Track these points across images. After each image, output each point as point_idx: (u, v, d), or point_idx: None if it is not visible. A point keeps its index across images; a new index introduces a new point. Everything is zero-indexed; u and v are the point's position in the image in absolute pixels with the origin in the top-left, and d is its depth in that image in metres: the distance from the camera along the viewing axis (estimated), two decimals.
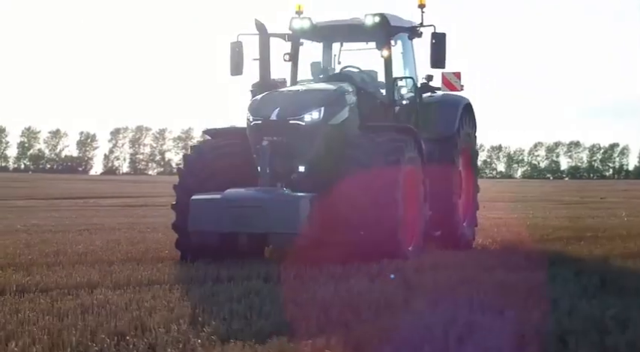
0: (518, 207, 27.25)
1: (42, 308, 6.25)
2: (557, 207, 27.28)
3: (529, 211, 23.26)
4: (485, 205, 24.25)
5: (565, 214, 21.58)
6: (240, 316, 5.98)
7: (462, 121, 11.98)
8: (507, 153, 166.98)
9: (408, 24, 11.60)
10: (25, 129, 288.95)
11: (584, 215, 21.20)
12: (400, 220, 9.65)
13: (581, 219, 19.10)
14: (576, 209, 25.82)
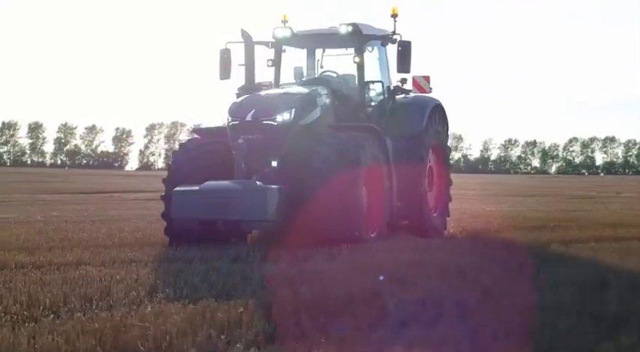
0: (520, 201, 28.31)
1: (31, 279, 7.57)
2: (557, 201, 28.29)
3: (524, 205, 24.34)
4: (490, 199, 25.32)
5: (556, 207, 22.64)
6: (191, 287, 7.23)
7: (430, 120, 13.15)
8: (542, 148, 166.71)
9: (380, 32, 12.81)
10: (62, 125, 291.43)
11: (575, 208, 22.23)
12: (361, 210, 10.89)
13: (565, 211, 20.15)
14: (575, 203, 26.83)
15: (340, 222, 10.58)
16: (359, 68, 12.49)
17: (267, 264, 8.68)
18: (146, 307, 6.25)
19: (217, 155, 11.31)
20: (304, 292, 6.64)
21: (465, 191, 39.28)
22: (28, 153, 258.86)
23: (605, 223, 14.96)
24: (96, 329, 5.30)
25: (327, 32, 12.73)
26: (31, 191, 37.68)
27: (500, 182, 66.79)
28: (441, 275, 7.68)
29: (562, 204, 25.24)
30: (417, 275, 7.50)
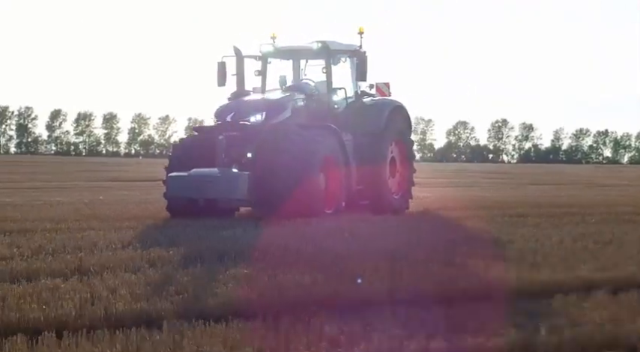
0: (525, 189, 30.99)
1: (35, 239, 10.67)
2: (565, 189, 30.88)
3: (515, 191, 27.09)
4: (501, 187, 27.98)
5: (548, 194, 25.35)
6: (163, 243, 10.33)
7: (390, 119, 16.11)
8: (614, 138, 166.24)
9: (347, 47, 15.85)
10: (136, 116, 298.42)
11: (566, 194, 24.91)
12: (318, 191, 13.97)
13: (546, 197, 22.84)
14: (579, 190, 29.43)
15: (301, 201, 13.66)
16: (327, 77, 15.57)
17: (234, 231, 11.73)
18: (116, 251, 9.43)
19: (208, 148, 14.48)
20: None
21: (491, 180, 42.02)
22: (103, 143, 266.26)
23: (555, 205, 17.74)
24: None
25: (303, 48, 15.84)
26: (94, 179, 41.65)
27: (552, 171, 68.81)
28: (350, 235, 10.70)
29: (562, 191, 27.85)
30: (331, 236, 10.57)
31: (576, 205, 17.98)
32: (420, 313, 5.69)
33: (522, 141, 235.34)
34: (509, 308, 5.90)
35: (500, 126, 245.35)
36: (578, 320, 5.55)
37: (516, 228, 11.85)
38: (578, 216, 14.36)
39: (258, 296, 6.21)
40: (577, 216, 14.54)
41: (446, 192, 27.56)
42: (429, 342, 4.75)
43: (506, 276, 7.16)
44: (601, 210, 16.10)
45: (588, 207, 17.03)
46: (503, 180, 46.37)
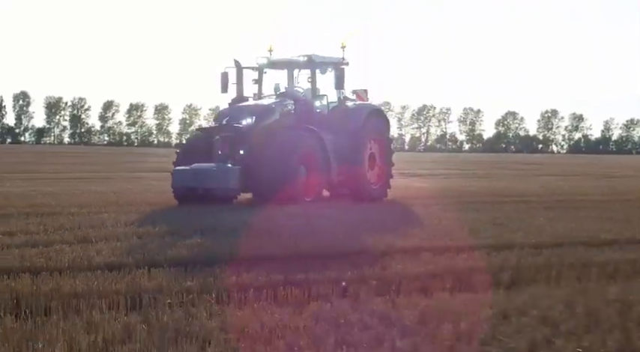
0: (524, 179, 33.50)
1: (59, 219, 13.71)
2: (563, 180, 33.34)
3: (508, 182, 29.67)
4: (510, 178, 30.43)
5: (535, 184, 27.94)
6: (155, 223, 13.36)
7: (367, 121, 18.92)
8: None
9: (329, 60, 18.72)
10: (187, 107, 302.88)
11: (556, 185, 27.47)
12: (298, 182, 16.84)
13: (536, 187, 25.42)
14: (570, 180, 31.91)
15: (283, 190, 16.59)
16: (312, 85, 18.47)
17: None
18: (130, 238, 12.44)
19: (208, 146, 17.48)
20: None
21: (511, 171, 44.49)
22: (155, 133, 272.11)
23: (519, 195, 20.44)
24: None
25: (292, 60, 18.74)
26: (137, 169, 45.06)
27: (582, 163, 70.70)
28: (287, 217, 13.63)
29: (562, 182, 30.35)
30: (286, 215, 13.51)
31: (535, 195, 20.64)
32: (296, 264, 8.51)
33: (572, 132, 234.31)
34: (356, 260, 8.70)
35: (549, 116, 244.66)
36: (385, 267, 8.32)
37: (446, 212, 14.65)
38: (518, 204, 17.06)
39: (189, 253, 9.18)
40: (518, 203, 17.24)
41: (447, 182, 30.24)
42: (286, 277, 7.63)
43: (372, 241, 10.01)
44: (533, 199, 18.80)
45: (541, 196, 19.71)
46: (524, 171, 48.76)
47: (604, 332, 5.74)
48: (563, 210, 15.77)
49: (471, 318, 5.95)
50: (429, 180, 30.54)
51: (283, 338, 5.49)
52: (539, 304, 6.53)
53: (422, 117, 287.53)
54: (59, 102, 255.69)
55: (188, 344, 5.43)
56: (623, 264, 8.80)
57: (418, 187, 25.15)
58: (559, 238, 10.79)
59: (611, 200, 18.69)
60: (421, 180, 32.12)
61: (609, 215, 14.61)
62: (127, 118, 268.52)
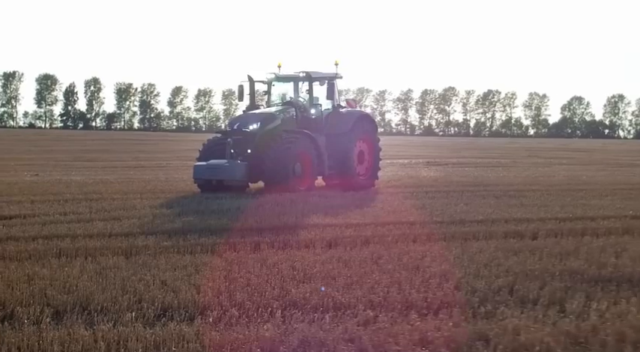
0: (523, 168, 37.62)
1: (102, 204, 18.71)
2: (570, 169, 37.31)
3: (496, 171, 33.83)
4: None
5: (522, 173, 32.11)
6: (172, 206, 18.15)
7: (356, 124, 23.41)
8: None
9: (326, 75, 23.25)
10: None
11: (545, 175, 31.60)
12: (293, 175, 21.44)
13: (523, 177, 29.64)
14: (575, 170, 35.88)
15: (282, 182, 21.23)
16: (310, 96, 23.07)
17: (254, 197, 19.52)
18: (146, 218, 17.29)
19: (223, 146, 22.20)
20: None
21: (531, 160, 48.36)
22: (222, 118, 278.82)
23: (481, 183, 24.75)
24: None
25: (293, 76, 23.34)
26: (186, 158, 50.15)
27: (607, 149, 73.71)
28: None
29: (555, 172, 34.40)
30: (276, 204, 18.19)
31: (505, 184, 24.93)
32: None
33: (639, 117, 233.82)
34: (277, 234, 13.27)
35: (616, 101, 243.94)
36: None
37: (405, 199, 19.13)
38: (472, 192, 21.40)
39: (179, 226, 13.91)
40: (473, 192, 21.58)
41: (452, 171, 34.56)
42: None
43: (295, 219, 14.58)
44: (497, 188, 23.08)
45: (502, 185, 24.01)
46: (555, 160, 52.54)
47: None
48: (495, 197, 20.06)
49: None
50: (441, 169, 34.87)
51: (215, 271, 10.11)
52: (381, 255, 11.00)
53: (487, 102, 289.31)
54: (129, 88, 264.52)
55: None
56: (461, 233, 13.17)
57: (415, 176, 29.57)
58: (448, 217, 15.24)
59: (550, 190, 22.83)
60: (435, 168, 36.48)
61: (525, 202, 18.86)
62: (195, 103, 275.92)
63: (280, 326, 7.14)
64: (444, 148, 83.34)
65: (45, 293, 8.47)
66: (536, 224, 14.53)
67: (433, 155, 60.44)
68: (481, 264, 10.22)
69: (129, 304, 8.09)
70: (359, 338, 6.77)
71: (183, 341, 6.79)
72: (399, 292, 8.50)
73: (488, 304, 8.15)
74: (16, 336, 6.87)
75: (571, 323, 7.39)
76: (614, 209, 17.42)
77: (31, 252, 11.24)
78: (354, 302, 8.10)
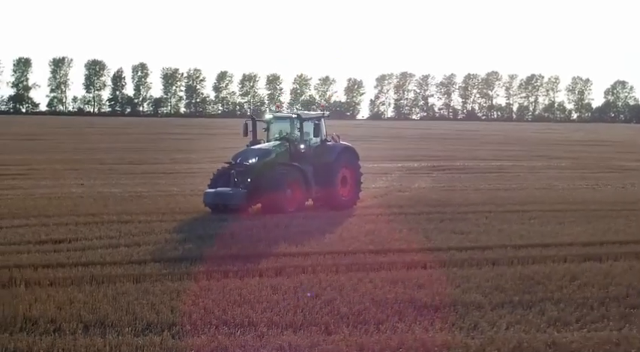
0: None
1: (129, 226, 24.39)
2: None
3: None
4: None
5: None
6: (184, 226, 23.75)
7: (339, 155, 28.90)
8: None
9: (313, 116, 28.77)
10: (297, 77, 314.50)
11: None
12: (285, 199, 26.99)
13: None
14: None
15: (274, 205, 26.82)
16: (300, 132, 28.58)
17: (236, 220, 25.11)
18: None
19: (228, 176, 27.78)
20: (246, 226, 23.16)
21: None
22: (267, 103, 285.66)
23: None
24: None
25: (288, 116, 28.88)
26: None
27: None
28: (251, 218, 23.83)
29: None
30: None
31: (465, 204, 30.17)
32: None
33: None
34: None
35: None
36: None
37: (367, 223, 24.51)
38: (430, 214, 26.72)
39: (179, 253, 19.50)
40: (433, 213, 26.89)
41: (445, 181, 39.85)
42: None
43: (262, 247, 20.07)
44: None
45: (455, 206, 29.26)
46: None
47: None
48: (440, 221, 25.35)
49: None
50: (436, 179, 40.20)
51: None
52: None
53: (530, 86, 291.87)
54: (175, 73, 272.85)
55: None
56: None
57: (404, 189, 34.95)
58: (380, 246, 20.60)
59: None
60: (434, 176, 41.83)
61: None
62: (239, 88, 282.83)
63: (211, 339, 12.61)
64: (464, 141, 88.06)
65: (80, 313, 14.04)
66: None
67: (446, 155, 65.38)
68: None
69: (128, 321, 13.61)
70: (233, 346, 12.17)
71: (154, 347, 12.30)
72: (285, 314, 13.93)
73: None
74: (61, 343, 12.43)
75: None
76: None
77: (72, 279, 16.75)
78: (264, 321, 13.56)
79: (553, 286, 15.91)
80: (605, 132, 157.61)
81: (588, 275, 16.96)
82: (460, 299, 14.81)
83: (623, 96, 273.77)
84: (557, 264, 18.38)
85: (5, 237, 21.97)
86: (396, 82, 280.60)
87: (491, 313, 14.00)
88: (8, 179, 42.07)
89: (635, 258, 19.21)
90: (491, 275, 16.99)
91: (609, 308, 14.24)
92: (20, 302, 14.42)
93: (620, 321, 13.45)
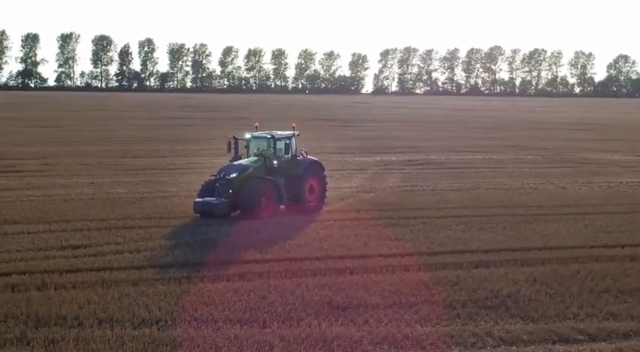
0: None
1: (136, 231, 30.66)
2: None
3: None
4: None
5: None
6: (172, 237, 30.00)
7: (307, 168, 35.16)
8: None
9: (286, 136, 35.04)
10: (302, 51, 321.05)
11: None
12: (260, 207, 33.28)
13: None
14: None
15: (251, 212, 33.12)
16: (274, 149, 34.83)
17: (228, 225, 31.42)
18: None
19: (214, 187, 34.07)
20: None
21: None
22: (272, 78, 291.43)
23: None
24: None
25: (264, 136, 35.13)
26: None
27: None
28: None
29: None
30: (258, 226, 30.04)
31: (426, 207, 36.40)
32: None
33: None
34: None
35: None
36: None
37: (323, 229, 30.79)
38: (372, 220, 32.94)
39: (170, 260, 25.78)
40: (378, 218, 33.11)
41: (416, 178, 46.03)
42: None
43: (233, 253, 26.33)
44: None
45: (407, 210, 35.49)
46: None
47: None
48: (372, 226, 31.54)
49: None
50: (407, 176, 46.41)
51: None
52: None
53: (533, 60, 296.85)
54: (182, 49, 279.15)
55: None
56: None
57: (372, 190, 41.19)
58: (314, 252, 26.84)
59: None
60: (407, 172, 47.99)
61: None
62: (245, 63, 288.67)
63: (184, 331, 18.84)
64: (453, 126, 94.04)
65: (95, 311, 20.29)
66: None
67: (425, 146, 71.43)
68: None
69: (128, 318, 19.80)
70: (197, 337, 18.44)
71: (146, 337, 18.55)
72: (237, 312, 20.14)
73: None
74: (83, 334, 18.64)
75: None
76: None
77: (88, 283, 22.98)
78: (222, 318, 19.78)
79: (436, 290, 22.04)
80: (602, 110, 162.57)
81: (470, 281, 23.04)
82: (364, 301, 20.98)
83: (626, 70, 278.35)
84: (452, 270, 24.43)
85: (34, 242, 28.17)
86: (400, 57, 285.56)
87: (382, 312, 20.14)
88: (28, 176, 48.52)
89: (517, 265, 25.20)
90: (397, 280, 23.12)
91: (463, 309, 20.40)
92: (52, 303, 20.63)
93: (466, 319, 19.64)
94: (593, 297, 21.45)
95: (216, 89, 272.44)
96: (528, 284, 22.79)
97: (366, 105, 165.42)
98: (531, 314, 19.94)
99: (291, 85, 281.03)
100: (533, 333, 18.52)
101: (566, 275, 23.81)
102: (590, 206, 37.24)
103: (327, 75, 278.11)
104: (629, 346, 17.70)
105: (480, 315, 19.91)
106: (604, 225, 32.13)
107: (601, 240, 29.04)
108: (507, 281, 22.99)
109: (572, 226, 31.89)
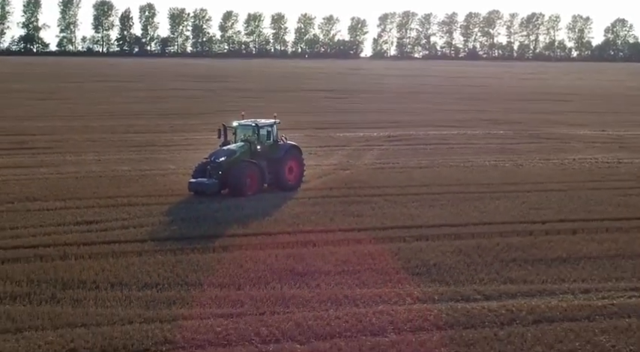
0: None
1: (142, 208, 36.54)
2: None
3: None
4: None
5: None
6: (176, 213, 35.88)
7: (287, 152, 41.01)
8: None
9: (269, 124, 40.88)
10: (302, 16, 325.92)
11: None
12: (245, 185, 39.16)
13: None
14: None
15: (237, 191, 39.03)
16: (257, 136, 40.68)
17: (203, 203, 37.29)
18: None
19: (205, 169, 39.95)
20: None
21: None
22: (272, 42, 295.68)
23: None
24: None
25: (249, 124, 40.98)
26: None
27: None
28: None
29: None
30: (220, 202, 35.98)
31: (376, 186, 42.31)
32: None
33: None
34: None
35: None
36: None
37: (296, 206, 36.71)
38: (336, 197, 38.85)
39: (163, 234, 31.74)
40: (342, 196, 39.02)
41: (391, 156, 51.81)
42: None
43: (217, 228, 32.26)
44: None
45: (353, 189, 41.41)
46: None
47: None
48: (320, 204, 37.42)
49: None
50: (384, 153, 52.22)
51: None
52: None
53: (530, 25, 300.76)
54: (182, 13, 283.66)
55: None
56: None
57: (350, 167, 47.05)
58: (270, 227, 32.78)
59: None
60: (385, 148, 53.74)
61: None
62: (245, 28, 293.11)
63: (176, 293, 24.77)
64: (440, 97, 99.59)
65: (108, 277, 26.15)
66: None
67: (407, 120, 77.00)
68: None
69: (134, 282, 25.57)
70: (186, 298, 24.42)
71: (147, 297, 24.48)
72: (218, 277, 26.07)
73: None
74: (100, 295, 24.50)
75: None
76: None
77: (102, 254, 28.74)
78: (207, 282, 25.70)
79: (378, 260, 27.87)
80: (596, 75, 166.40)
81: (407, 252, 28.86)
82: (319, 268, 26.87)
83: (623, 34, 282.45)
84: (396, 243, 30.18)
85: (54, 218, 33.92)
86: (399, 21, 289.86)
87: (332, 277, 25.99)
88: (40, 154, 54.38)
89: (450, 239, 30.91)
90: (349, 251, 28.93)
91: (395, 275, 26.29)
92: (74, 270, 26.51)
93: (395, 283, 25.53)
94: (501, 266, 27.12)
95: (216, 54, 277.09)
96: (454, 255, 28.41)
97: (363, 72, 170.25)
98: (447, 279, 25.66)
99: (290, 49, 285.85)
100: (443, 294, 24.24)
101: (487, 247, 29.37)
102: (533, 183, 42.75)
103: (327, 39, 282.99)
104: (513, 303, 23.39)
105: (407, 280, 25.70)
106: (539, 202, 37.64)
107: (530, 216, 34.64)
108: (437, 253, 28.65)
109: (511, 203, 37.33)
